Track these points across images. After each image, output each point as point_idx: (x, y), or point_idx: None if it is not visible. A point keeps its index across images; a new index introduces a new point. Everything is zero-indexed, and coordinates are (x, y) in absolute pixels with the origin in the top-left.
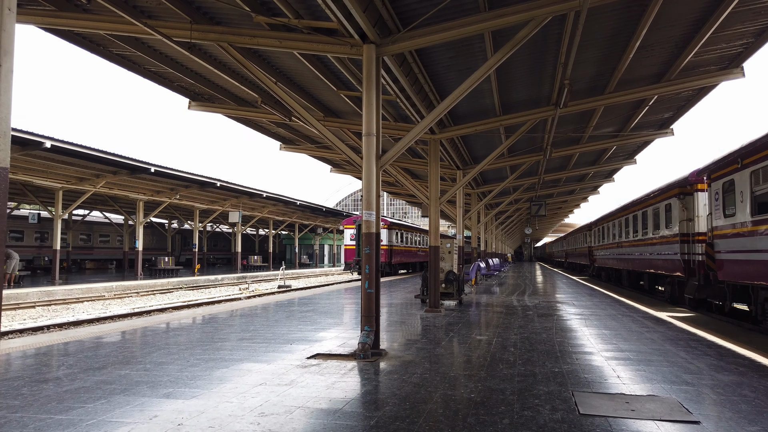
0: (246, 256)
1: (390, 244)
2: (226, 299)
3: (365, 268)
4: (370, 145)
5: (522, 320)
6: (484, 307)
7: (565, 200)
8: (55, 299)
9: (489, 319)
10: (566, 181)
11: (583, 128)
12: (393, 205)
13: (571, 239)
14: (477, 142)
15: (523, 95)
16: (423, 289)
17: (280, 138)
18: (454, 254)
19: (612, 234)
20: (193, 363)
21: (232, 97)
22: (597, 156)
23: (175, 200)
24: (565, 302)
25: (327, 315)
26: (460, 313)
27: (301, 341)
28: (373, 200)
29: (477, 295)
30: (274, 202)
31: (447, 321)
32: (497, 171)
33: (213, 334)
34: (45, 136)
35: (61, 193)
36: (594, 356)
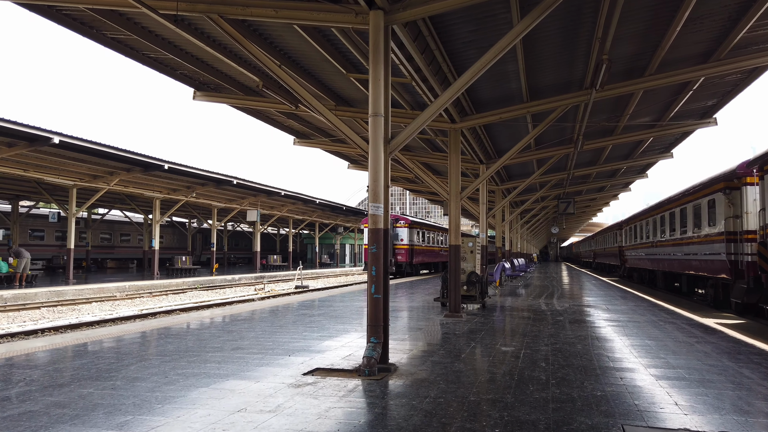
0: (266, 255)
1: (411, 244)
2: (238, 300)
3: (371, 269)
4: (377, 127)
5: (552, 327)
6: (509, 312)
7: (593, 198)
8: (64, 300)
9: (515, 325)
10: (596, 177)
11: (617, 117)
12: (415, 204)
13: (599, 239)
14: (502, 134)
15: (552, 78)
16: (443, 291)
17: (294, 132)
18: (476, 254)
19: (646, 233)
20: (171, 379)
21: (238, 86)
22: (631, 149)
23: (191, 198)
24: (597, 306)
25: (338, 320)
26: (483, 319)
27: (302, 352)
28: (381, 191)
29: (501, 298)
30: (292, 201)
31: (468, 328)
32: (523, 166)
33: (207, 342)
34: (53, 131)
35: (74, 191)
36: (641, 374)
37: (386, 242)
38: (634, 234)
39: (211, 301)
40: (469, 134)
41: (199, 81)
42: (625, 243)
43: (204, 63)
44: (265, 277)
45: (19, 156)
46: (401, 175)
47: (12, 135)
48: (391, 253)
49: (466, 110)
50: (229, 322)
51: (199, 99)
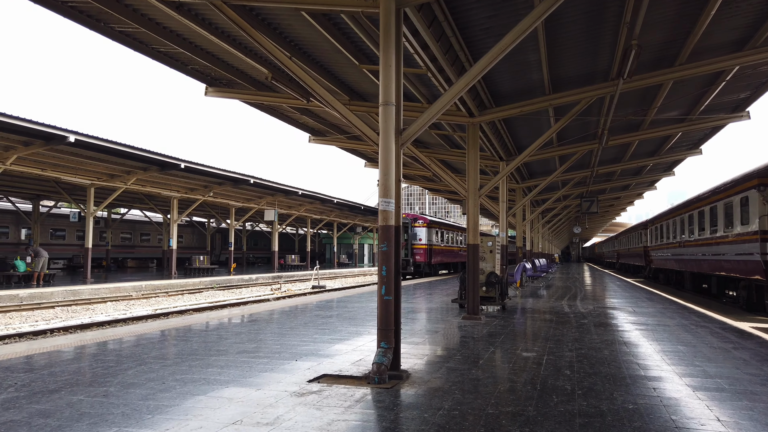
0: (284, 255)
1: (429, 244)
2: (253, 300)
3: (381, 269)
4: (388, 117)
5: (576, 331)
6: (530, 314)
7: (617, 196)
8: (79, 299)
9: (537, 329)
10: (620, 175)
11: (644, 111)
12: (435, 204)
13: (623, 239)
14: (522, 129)
15: (576, 68)
16: (461, 292)
17: (309, 129)
18: (496, 254)
19: (673, 233)
20: (167, 386)
21: (250, 82)
22: (658, 145)
23: (209, 198)
24: (623, 308)
25: (351, 321)
26: (503, 321)
27: (310, 356)
28: (392, 186)
29: (522, 300)
30: (310, 200)
31: (487, 331)
32: (544, 163)
33: (213, 344)
34: (69, 130)
35: (92, 190)
36: (675, 384)
37: (398, 240)
38: (660, 234)
39: (225, 301)
40: (488, 129)
41: (211, 76)
42: (651, 243)
43: (214, 57)
44: (282, 277)
45: (36, 155)
46: (419, 173)
47: (29, 134)
48: (409, 253)
49: (485, 103)
50: (239, 323)
51: (211, 95)
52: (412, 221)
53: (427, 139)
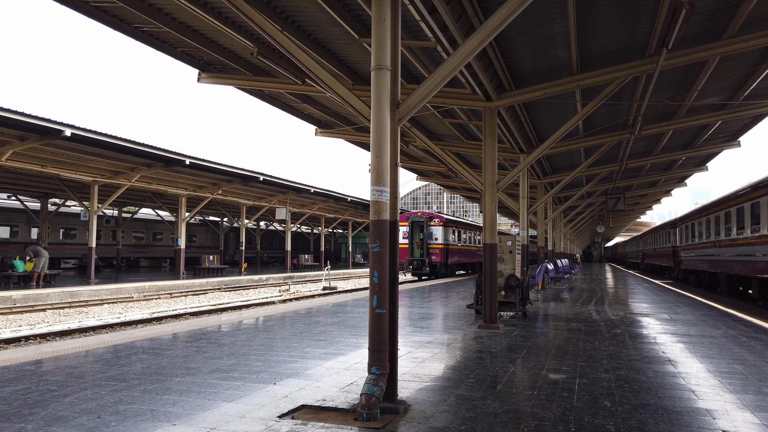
0: (297, 255)
1: (446, 243)
2: (257, 303)
3: (372, 274)
4: (382, 84)
5: (610, 344)
6: (554, 322)
7: (644, 194)
8: (76, 301)
9: (563, 341)
10: (649, 170)
11: (681, 96)
12: (453, 203)
13: (649, 238)
14: (545, 117)
15: (609, 43)
16: (477, 297)
17: (315, 121)
18: (516, 254)
19: (706, 231)
20: (103, 421)
21: (246, 66)
22: (692, 137)
23: (218, 196)
24: (658, 315)
25: (353, 330)
26: (525, 331)
27: (293, 377)
28: (386, 171)
29: (544, 304)
30: (323, 199)
31: (506, 343)
32: (568, 156)
33: (187, 359)
34: (65, 123)
35: (96, 187)
36: (747, 422)
37: (394, 238)
38: (691, 233)
39: (227, 304)
40: (507, 116)
41: (204, 60)
42: (680, 243)
43: (203, 37)
44: (293, 278)
45: (32, 150)
46: (433, 169)
47: (23, 128)
48: (425, 253)
49: (504, 85)
50: (228, 331)
51: (204, 81)
52: (428, 220)
53: (440, 130)
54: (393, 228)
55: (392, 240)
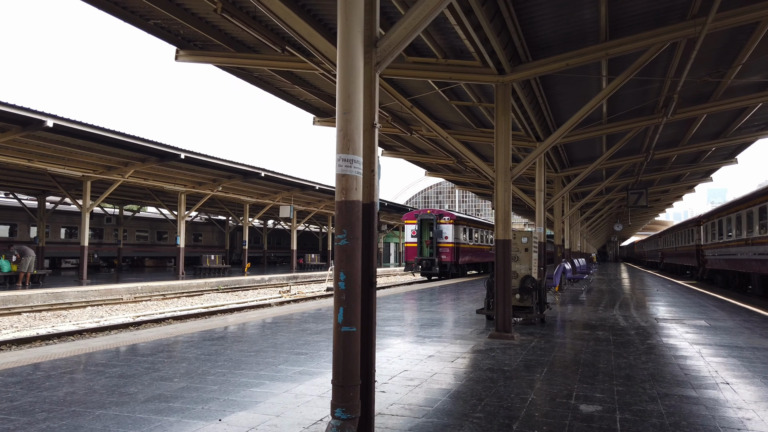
0: (303, 254)
1: (456, 242)
2: (252, 306)
3: (338, 276)
4: (352, 10)
5: (647, 359)
6: (577, 330)
7: (666, 189)
8: (59, 304)
9: (591, 354)
10: (674, 163)
11: (721, 72)
12: (465, 201)
13: (669, 237)
14: (566, 97)
15: (644, 3)
16: (488, 301)
17: (312, 109)
18: (533, 252)
19: (736, 228)
20: None
21: (228, 41)
22: (725, 124)
23: (218, 193)
24: (693, 321)
25: None
26: (544, 341)
27: (248, 408)
28: (356, 132)
29: (562, 307)
30: (330, 196)
31: (522, 359)
32: (589, 146)
33: (127, 381)
34: (47, 113)
35: (88, 183)
36: None
37: (369, 228)
38: (718, 230)
39: (219, 307)
40: (522, 96)
41: (182, 36)
42: (706, 241)
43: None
44: (297, 278)
45: (14, 143)
46: (442, 162)
47: (2, 118)
48: (435, 252)
49: (519, 56)
50: (198, 341)
51: (182, 59)
52: (438, 217)
53: (447, 116)
54: (368, 213)
55: (367, 230)
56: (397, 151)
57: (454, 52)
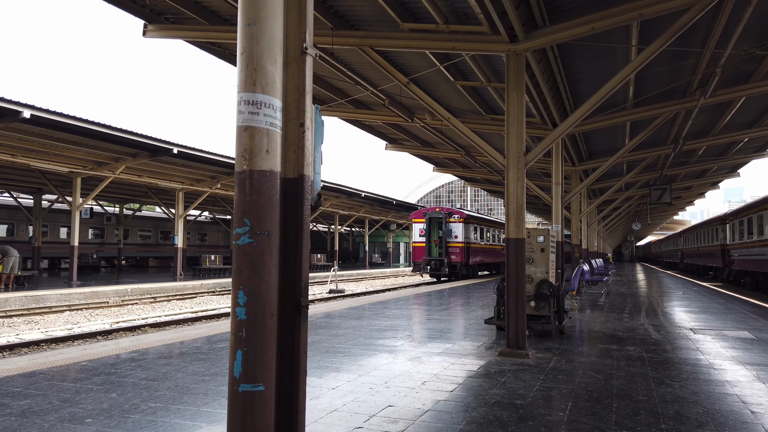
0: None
1: (467, 242)
2: None
3: (236, 296)
4: None
5: (697, 388)
6: (603, 344)
7: (689, 186)
8: (38, 307)
9: (626, 381)
10: (702, 156)
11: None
12: (477, 200)
13: (689, 236)
14: (587, 75)
15: None
16: (498, 309)
17: None
18: (550, 253)
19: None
20: None
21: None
22: (762, 111)
23: (217, 190)
24: (734, 331)
25: (322, 359)
26: (564, 361)
27: None
28: (269, 58)
29: (582, 314)
30: (335, 194)
31: (539, 388)
32: (610, 136)
33: (26, 422)
34: (23, 104)
35: (78, 180)
36: None
37: (297, 218)
38: (746, 229)
39: (209, 312)
40: (538, 73)
41: (150, 8)
42: (732, 240)
43: None
44: None
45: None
46: (449, 156)
47: None
48: (444, 253)
49: (535, 19)
50: (154, 358)
51: (150, 35)
52: (447, 216)
53: (453, 102)
54: (293, 194)
55: (292, 221)
56: (402, 145)
57: (458, 17)
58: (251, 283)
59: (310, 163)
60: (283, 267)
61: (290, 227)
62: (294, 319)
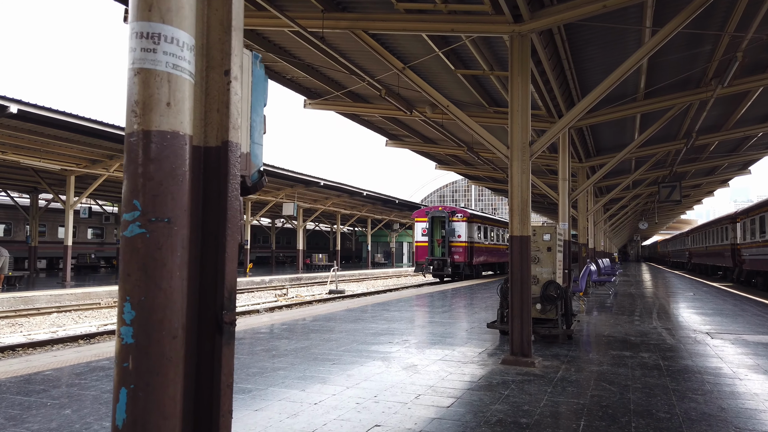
0: (310, 254)
1: (470, 241)
2: (237, 312)
3: (121, 311)
4: None
5: (724, 402)
6: (615, 351)
7: (698, 184)
8: (25, 309)
9: (644, 394)
10: (713, 152)
11: None
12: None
13: (698, 236)
14: (597, 63)
15: None
16: (501, 312)
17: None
18: (557, 252)
19: None
20: None
21: None
22: None
23: None
24: (755, 336)
25: (307, 369)
26: (574, 370)
27: None
28: None
29: (590, 317)
30: (337, 193)
31: (547, 403)
32: (619, 131)
33: None
34: (9, 98)
35: (72, 178)
36: None
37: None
38: (759, 228)
39: None
40: (544, 59)
41: None
42: (744, 239)
43: None
44: (301, 279)
45: None
46: (451, 152)
47: None
48: (447, 252)
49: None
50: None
51: None
52: (450, 215)
53: (454, 93)
54: (217, 166)
55: (217, 206)
56: (402, 141)
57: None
58: (142, 292)
59: (238, 127)
60: (198, 269)
61: (210, 214)
62: (213, 342)
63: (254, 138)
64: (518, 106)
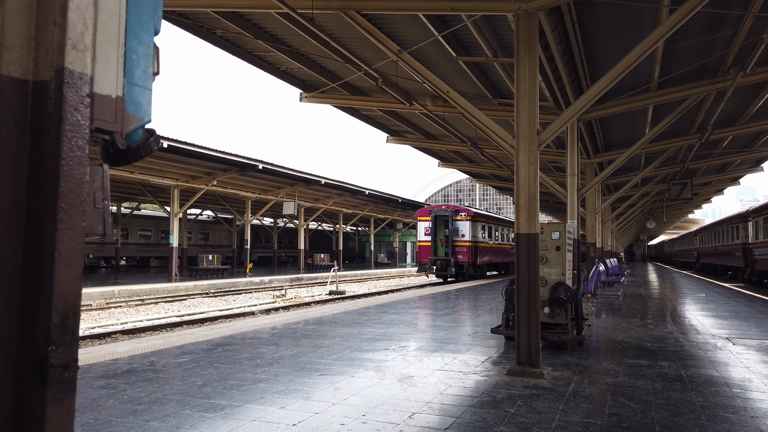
0: (312, 254)
1: (474, 240)
2: (231, 315)
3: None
4: None
5: (759, 421)
6: (630, 359)
7: (708, 182)
8: None
9: (668, 411)
10: (726, 148)
11: None
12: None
13: (706, 235)
14: (609, 48)
15: None
16: (506, 316)
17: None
18: (566, 251)
19: None
20: None
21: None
22: None
23: (214, 187)
24: None
25: (295, 378)
26: (587, 382)
27: None
28: None
29: (600, 320)
30: (338, 192)
31: (559, 423)
32: (630, 125)
33: None
34: None
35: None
36: None
37: (55, 160)
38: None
39: (194, 316)
40: (552, 42)
41: None
42: (755, 239)
43: None
44: (302, 279)
45: None
46: (454, 149)
47: None
48: (450, 252)
49: None
50: (81, 380)
51: None
52: (453, 214)
53: (456, 84)
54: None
55: (44, 174)
56: (404, 137)
57: None
58: None
59: (84, 48)
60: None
61: (35, 187)
62: (35, 398)
63: (134, 77)
64: (525, 91)
